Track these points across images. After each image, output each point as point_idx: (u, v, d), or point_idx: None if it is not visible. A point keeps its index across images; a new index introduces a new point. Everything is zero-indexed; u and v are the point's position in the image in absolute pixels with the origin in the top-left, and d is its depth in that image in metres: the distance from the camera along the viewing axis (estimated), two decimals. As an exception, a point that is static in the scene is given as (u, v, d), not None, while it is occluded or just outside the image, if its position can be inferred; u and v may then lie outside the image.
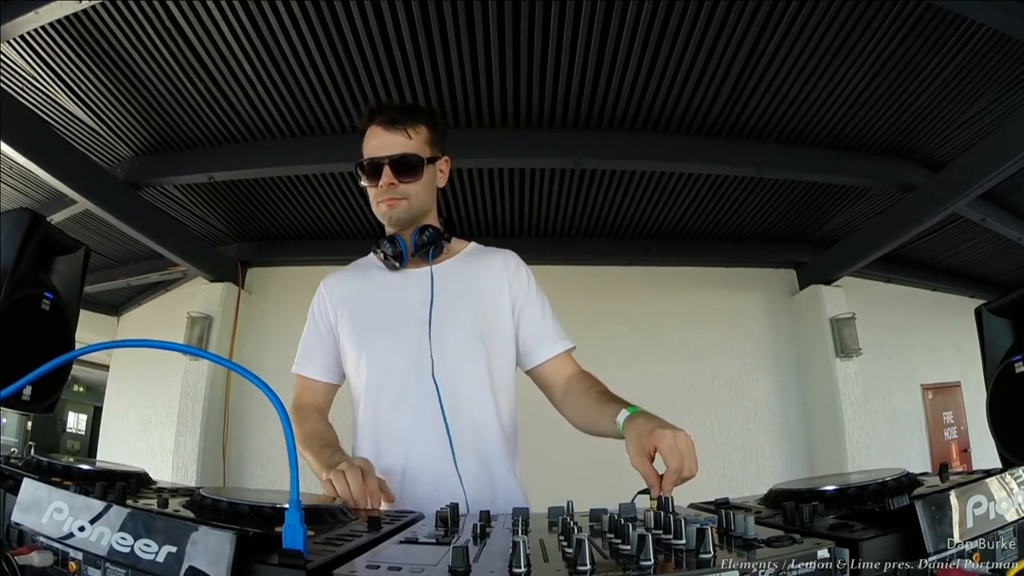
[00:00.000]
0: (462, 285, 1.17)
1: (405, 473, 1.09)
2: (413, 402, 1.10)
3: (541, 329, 1.20)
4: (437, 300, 1.13)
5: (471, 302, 1.16)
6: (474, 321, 1.15)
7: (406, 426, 1.10)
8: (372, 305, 1.19)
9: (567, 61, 2.51)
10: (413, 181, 1.14)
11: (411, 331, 1.12)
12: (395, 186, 1.13)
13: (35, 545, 0.56)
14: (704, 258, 4.36)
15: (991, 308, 1.21)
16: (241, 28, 2.31)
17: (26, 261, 1.08)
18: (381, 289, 1.20)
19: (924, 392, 4.80)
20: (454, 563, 0.46)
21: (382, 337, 1.15)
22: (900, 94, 2.75)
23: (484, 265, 1.22)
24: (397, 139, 1.13)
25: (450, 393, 1.09)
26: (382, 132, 1.14)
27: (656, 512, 0.62)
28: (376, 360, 1.14)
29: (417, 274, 1.18)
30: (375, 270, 1.23)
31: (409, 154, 1.13)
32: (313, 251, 4.23)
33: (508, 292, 1.20)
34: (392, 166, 1.12)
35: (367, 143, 1.16)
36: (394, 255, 1.17)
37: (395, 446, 1.11)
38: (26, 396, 1.06)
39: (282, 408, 0.56)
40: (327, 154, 3.08)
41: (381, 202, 1.15)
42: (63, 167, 2.72)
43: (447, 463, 1.06)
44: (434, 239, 1.17)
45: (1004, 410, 1.14)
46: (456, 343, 1.12)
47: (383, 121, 1.14)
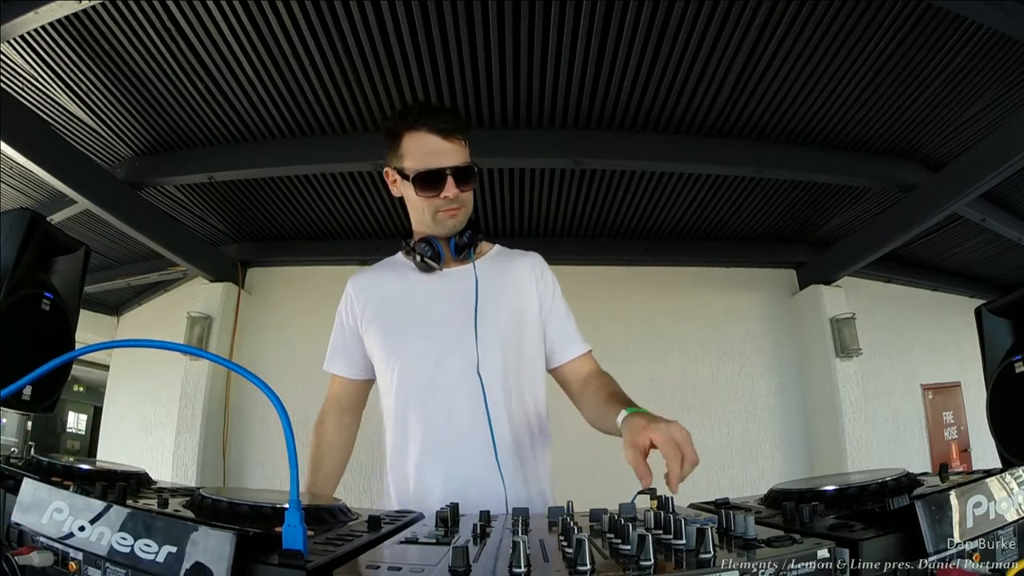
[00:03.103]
0: (498, 285, 1.19)
1: (446, 470, 1.09)
2: (455, 399, 1.10)
3: (565, 331, 1.24)
4: (480, 299, 1.14)
5: (507, 301, 1.18)
6: (512, 320, 1.17)
7: (446, 422, 1.10)
8: (408, 304, 1.19)
9: (567, 61, 2.51)
10: (470, 190, 1.15)
11: (455, 329, 1.12)
12: (458, 196, 1.12)
13: (35, 545, 0.57)
14: (704, 258, 4.36)
15: (991, 308, 1.21)
16: (241, 28, 2.31)
17: (26, 261, 1.08)
18: (418, 289, 1.19)
19: (924, 392, 4.80)
20: (454, 563, 0.46)
21: (423, 335, 1.14)
22: (900, 94, 2.75)
23: (514, 266, 1.24)
24: (455, 148, 1.11)
25: (492, 391, 1.10)
26: (439, 140, 1.10)
27: (656, 512, 0.62)
28: (415, 358, 1.14)
29: (456, 273, 1.19)
30: (407, 270, 1.23)
31: (470, 165, 1.13)
32: (313, 251, 4.23)
33: (536, 293, 1.22)
34: (455, 176, 1.11)
35: (416, 149, 1.11)
36: (433, 256, 1.16)
37: (434, 444, 1.10)
38: (26, 396, 1.06)
39: (282, 408, 0.56)
40: (327, 154, 3.08)
41: (443, 212, 1.14)
42: (63, 167, 2.72)
43: (488, 460, 1.07)
44: (472, 240, 1.18)
45: (1004, 410, 1.14)
46: (498, 341, 1.13)
47: (441, 130, 1.10)
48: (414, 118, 1.12)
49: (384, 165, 1.19)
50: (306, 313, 4.15)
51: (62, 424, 7.64)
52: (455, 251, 1.18)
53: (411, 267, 1.22)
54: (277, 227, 4.04)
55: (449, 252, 1.18)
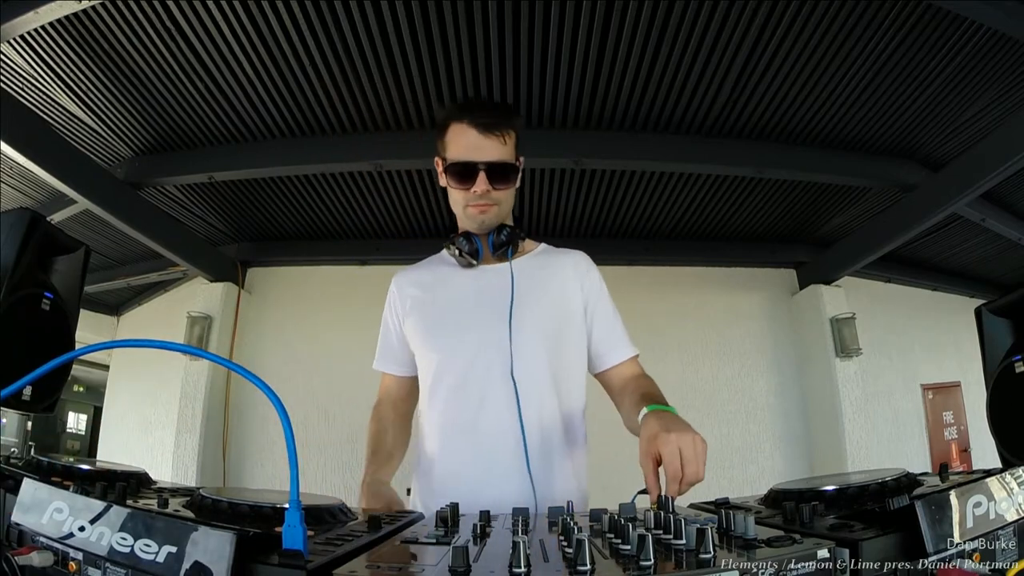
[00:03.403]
0: (537, 284, 1.17)
1: (474, 466, 1.08)
2: (487, 397, 1.09)
3: (612, 334, 1.21)
4: (516, 297, 1.13)
5: (546, 301, 1.16)
6: (550, 320, 1.15)
7: (476, 420, 1.09)
8: (446, 300, 1.18)
9: (567, 61, 2.51)
10: (505, 188, 1.14)
11: (489, 327, 1.11)
12: (489, 192, 1.11)
13: (35, 545, 0.56)
14: (704, 258, 4.36)
15: (991, 308, 1.21)
16: (241, 28, 2.31)
17: (26, 261, 1.08)
18: (456, 285, 1.19)
19: (924, 392, 4.80)
20: (454, 563, 0.46)
21: (457, 332, 1.14)
22: (900, 94, 2.75)
23: (556, 265, 1.22)
24: (493, 144, 1.10)
25: (524, 390, 1.09)
26: (476, 135, 1.10)
27: (656, 512, 0.62)
28: (449, 354, 1.14)
29: (494, 270, 1.18)
30: (446, 267, 1.23)
31: (506, 163, 1.12)
32: (313, 251, 4.23)
33: (580, 293, 1.20)
34: (488, 172, 1.10)
35: (455, 141, 1.12)
36: (470, 252, 1.16)
37: (463, 441, 1.10)
38: (26, 396, 1.06)
39: (282, 408, 0.56)
40: (327, 154, 3.08)
41: (472, 207, 1.13)
42: (63, 167, 2.72)
43: (515, 460, 1.06)
44: (511, 238, 1.17)
45: (1004, 410, 1.14)
46: (533, 341, 1.12)
47: (480, 124, 1.10)
48: (458, 110, 1.13)
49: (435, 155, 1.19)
50: (306, 313, 4.15)
51: (62, 424, 7.64)
52: (493, 248, 1.17)
53: (451, 263, 1.22)
54: (277, 227, 4.04)
55: (488, 249, 1.18)
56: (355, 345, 4.00)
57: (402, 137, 3.01)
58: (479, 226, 1.16)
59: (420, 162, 3.12)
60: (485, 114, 1.11)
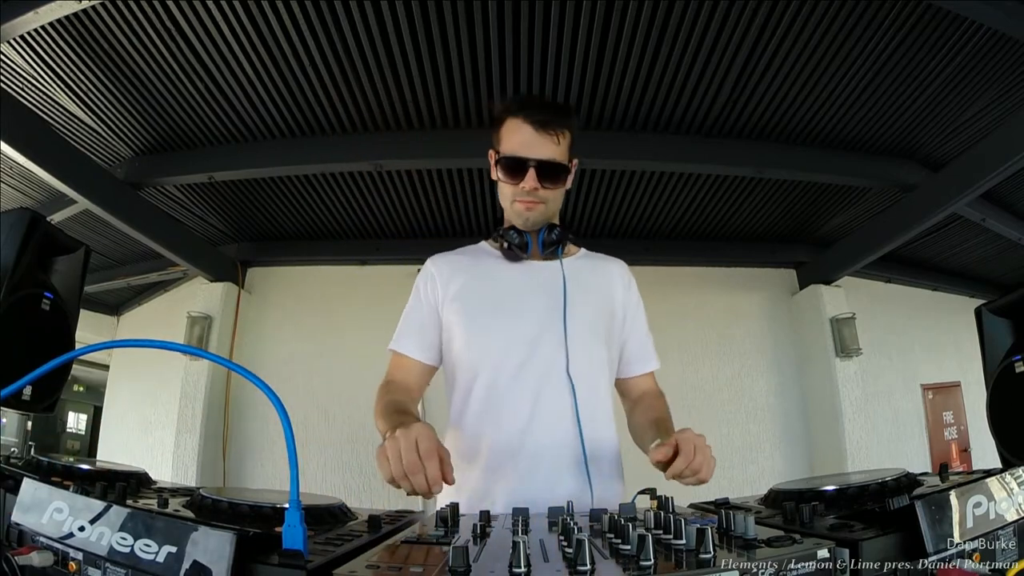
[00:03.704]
0: (587, 285, 1.18)
1: (526, 463, 1.06)
2: (543, 392, 1.08)
3: (644, 345, 1.25)
4: (568, 295, 1.13)
5: (596, 302, 1.18)
6: (598, 321, 1.16)
7: (531, 414, 1.07)
8: (498, 290, 1.16)
9: (567, 61, 2.51)
10: (554, 187, 1.13)
11: (544, 321, 1.11)
12: (536, 190, 1.11)
13: (35, 545, 0.57)
14: (704, 258, 4.36)
15: (991, 308, 1.21)
16: (241, 28, 2.31)
17: (26, 261, 1.08)
18: (507, 277, 1.17)
19: (924, 392, 4.80)
20: (454, 563, 0.46)
21: (514, 323, 1.12)
22: (900, 94, 2.75)
23: (603, 270, 1.25)
24: (545, 142, 1.10)
25: (579, 388, 1.09)
26: (530, 131, 1.10)
27: (656, 512, 0.62)
28: (504, 344, 1.11)
29: (544, 267, 1.18)
30: (491, 258, 1.21)
31: (557, 162, 1.11)
32: (313, 251, 4.23)
33: (623, 301, 1.22)
34: (537, 170, 1.10)
35: (509, 136, 1.12)
36: (520, 245, 1.15)
37: (515, 437, 1.07)
38: (26, 396, 1.06)
39: (282, 408, 0.56)
40: (327, 154, 3.08)
41: (519, 202, 1.13)
42: (63, 167, 2.72)
43: (571, 459, 1.05)
44: (561, 239, 1.18)
45: (1004, 410, 1.14)
46: (585, 339, 1.12)
47: (534, 121, 1.10)
48: (515, 106, 1.13)
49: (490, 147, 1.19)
50: (306, 313, 4.15)
51: (62, 424, 7.64)
52: (542, 247, 1.16)
53: (495, 255, 1.21)
54: (277, 227, 4.04)
55: (537, 246, 1.17)
56: (355, 345, 4.02)
57: (402, 137, 3.01)
58: (524, 222, 1.15)
59: (420, 162, 3.12)
60: (541, 111, 1.11)
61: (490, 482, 1.06)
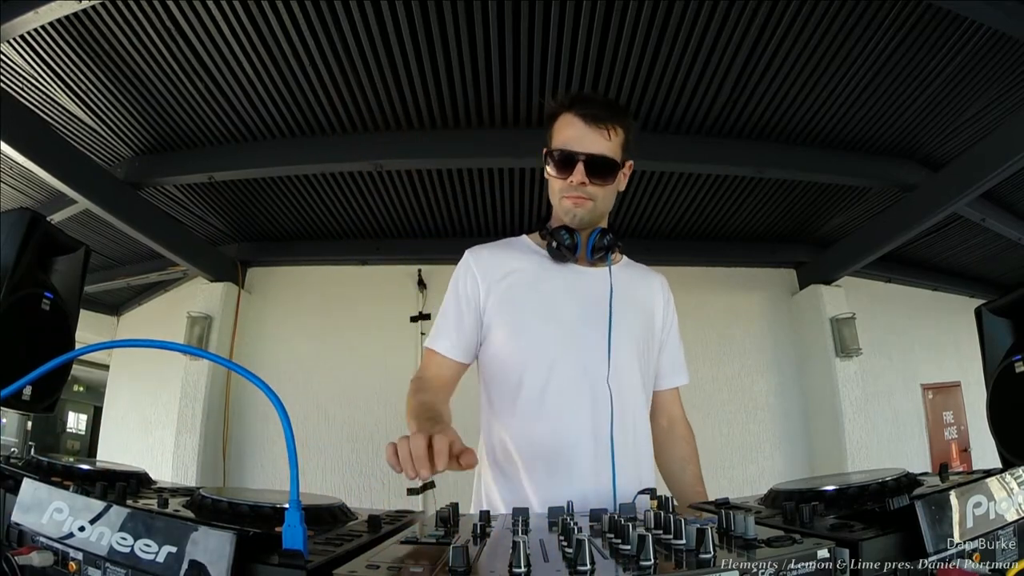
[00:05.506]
0: (632, 297, 1.18)
1: (558, 469, 1.06)
2: (579, 399, 1.08)
3: (676, 359, 1.27)
4: (614, 306, 1.12)
5: (640, 315, 1.18)
6: (641, 332, 1.17)
7: (566, 421, 1.07)
8: (542, 288, 1.14)
9: (567, 61, 2.51)
10: (603, 184, 1.11)
11: (589, 329, 1.11)
12: (585, 185, 1.09)
13: (35, 545, 0.57)
14: (704, 258, 4.36)
15: (991, 308, 1.21)
16: (241, 28, 2.31)
17: (26, 261, 1.08)
18: (553, 276, 1.15)
19: (924, 392, 4.80)
20: (454, 563, 0.46)
21: (556, 326, 1.11)
22: (900, 94, 2.75)
23: (645, 281, 1.26)
24: (596, 137, 1.09)
25: (617, 398, 1.08)
26: (582, 125, 1.09)
27: (656, 512, 0.62)
28: (548, 344, 1.10)
29: (592, 274, 1.17)
30: (535, 255, 1.19)
31: (607, 157, 1.09)
32: (313, 251, 4.23)
33: (662, 315, 1.24)
34: (587, 164, 1.08)
35: (561, 131, 1.11)
36: (570, 247, 1.13)
37: (547, 440, 1.07)
38: (26, 396, 1.06)
39: (282, 408, 0.56)
40: (327, 154, 3.08)
41: (567, 198, 1.12)
42: (63, 167, 2.72)
43: (601, 465, 1.05)
44: (611, 246, 1.16)
45: (1004, 410, 1.14)
46: (627, 351, 1.12)
47: (586, 115, 1.09)
48: (568, 101, 1.12)
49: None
50: (306, 313, 4.15)
51: (62, 424, 7.64)
52: (591, 252, 1.14)
53: (539, 253, 1.18)
54: (277, 227, 4.04)
55: (585, 250, 1.15)
56: (355, 345, 4.02)
57: (402, 137, 3.01)
58: (571, 219, 1.13)
59: (420, 162, 3.12)
60: (593, 106, 1.10)
61: (527, 484, 1.07)
